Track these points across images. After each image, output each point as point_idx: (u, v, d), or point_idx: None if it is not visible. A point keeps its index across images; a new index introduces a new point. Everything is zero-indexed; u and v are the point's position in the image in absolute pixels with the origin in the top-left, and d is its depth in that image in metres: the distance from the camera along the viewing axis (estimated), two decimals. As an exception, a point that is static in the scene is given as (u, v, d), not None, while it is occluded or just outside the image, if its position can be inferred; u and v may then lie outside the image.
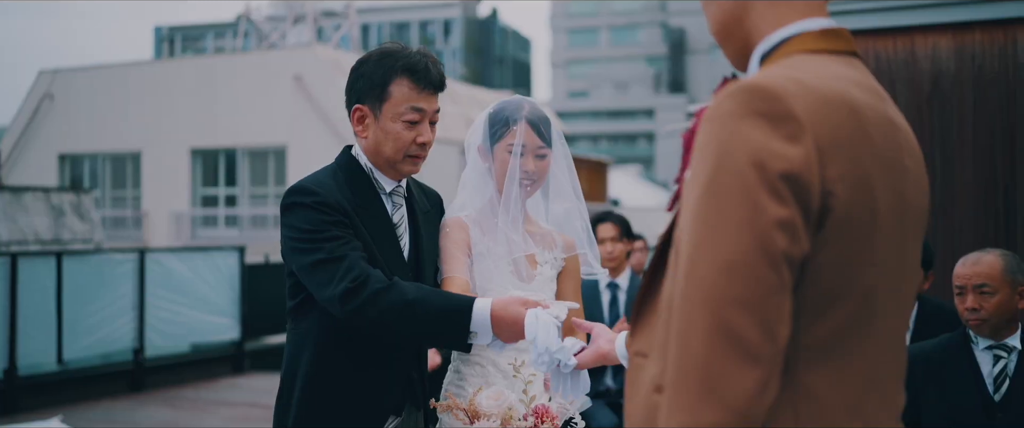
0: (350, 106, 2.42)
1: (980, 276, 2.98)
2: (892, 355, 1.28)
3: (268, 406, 8.43)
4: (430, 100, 2.38)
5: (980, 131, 4.82)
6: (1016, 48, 4.77)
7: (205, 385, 9.72)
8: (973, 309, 2.99)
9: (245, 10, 37.02)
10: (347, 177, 2.39)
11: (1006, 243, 4.53)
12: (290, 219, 2.30)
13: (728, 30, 1.38)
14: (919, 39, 4.95)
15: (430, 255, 2.48)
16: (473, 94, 30.60)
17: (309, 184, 2.32)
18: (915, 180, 1.31)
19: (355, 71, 2.41)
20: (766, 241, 1.11)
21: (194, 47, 56.33)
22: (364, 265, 2.21)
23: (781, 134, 1.13)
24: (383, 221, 2.39)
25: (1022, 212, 4.73)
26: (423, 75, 2.35)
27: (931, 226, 4.79)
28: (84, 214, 13.79)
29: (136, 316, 9.33)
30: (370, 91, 2.36)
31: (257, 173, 25.47)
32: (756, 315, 1.10)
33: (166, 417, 8.14)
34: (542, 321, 2.09)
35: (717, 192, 1.13)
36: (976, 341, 3.06)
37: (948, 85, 4.89)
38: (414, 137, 2.36)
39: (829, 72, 1.24)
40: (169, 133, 25.13)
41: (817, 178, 1.14)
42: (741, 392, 1.10)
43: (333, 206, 2.27)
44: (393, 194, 2.44)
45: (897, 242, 1.25)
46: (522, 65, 69.76)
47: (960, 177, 4.85)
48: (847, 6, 5.08)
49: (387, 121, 2.35)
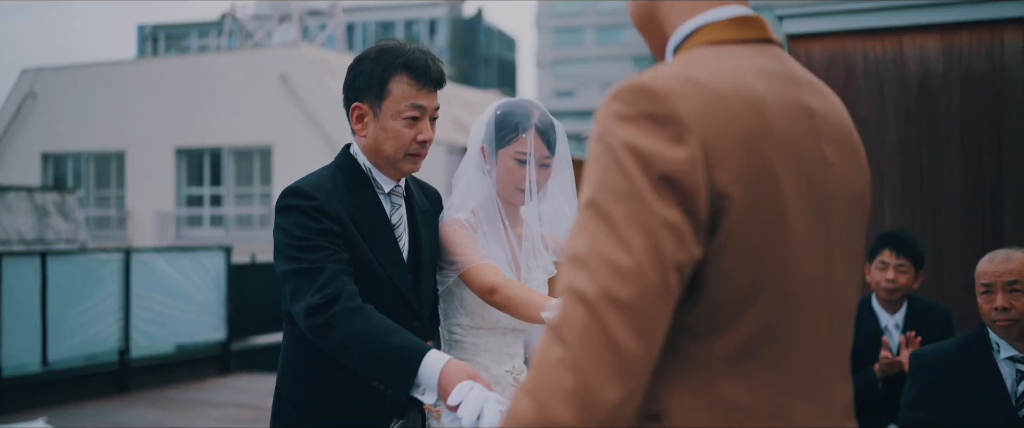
0: (348, 104, 2.38)
1: (1012, 273, 2.83)
2: (821, 353, 1.22)
3: (255, 407, 8.41)
4: (430, 97, 2.35)
5: (968, 131, 4.85)
6: (1003, 48, 4.80)
7: (191, 386, 9.67)
8: (1003, 309, 2.83)
9: (230, 9, 36.87)
10: (345, 178, 2.35)
11: (994, 243, 4.55)
12: (282, 221, 2.28)
13: (644, 24, 1.35)
14: (908, 40, 4.97)
15: (429, 255, 2.45)
16: (459, 94, 30.58)
17: (305, 186, 2.29)
18: (839, 167, 1.24)
19: (353, 69, 2.37)
20: (654, 244, 1.06)
21: (178, 46, 56.05)
22: (339, 283, 2.16)
23: (664, 136, 1.09)
24: (381, 222, 2.35)
25: (1010, 211, 4.75)
26: (423, 72, 2.32)
27: (920, 226, 4.81)
28: (68, 214, 13.70)
29: (121, 316, 9.27)
30: (369, 89, 2.33)
31: (243, 173, 25.36)
32: (638, 322, 1.05)
33: (152, 418, 8.09)
34: (476, 399, 1.96)
35: (606, 193, 1.09)
36: (998, 349, 2.90)
37: (936, 85, 4.91)
38: (415, 135, 2.33)
39: (730, 64, 1.19)
40: (154, 132, 25.00)
41: (703, 180, 1.09)
42: (607, 402, 1.04)
43: (326, 212, 2.24)
44: (392, 194, 2.41)
45: (818, 236, 1.20)
46: (508, 65, 69.75)
47: (948, 177, 4.87)
48: (836, 6, 5.10)
49: (387, 119, 2.32)
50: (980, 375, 2.89)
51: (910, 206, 4.94)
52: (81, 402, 8.64)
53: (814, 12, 5.13)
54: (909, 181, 4.94)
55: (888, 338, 3.96)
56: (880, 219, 4.95)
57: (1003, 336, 2.89)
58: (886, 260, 3.94)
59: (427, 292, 2.42)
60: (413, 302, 2.35)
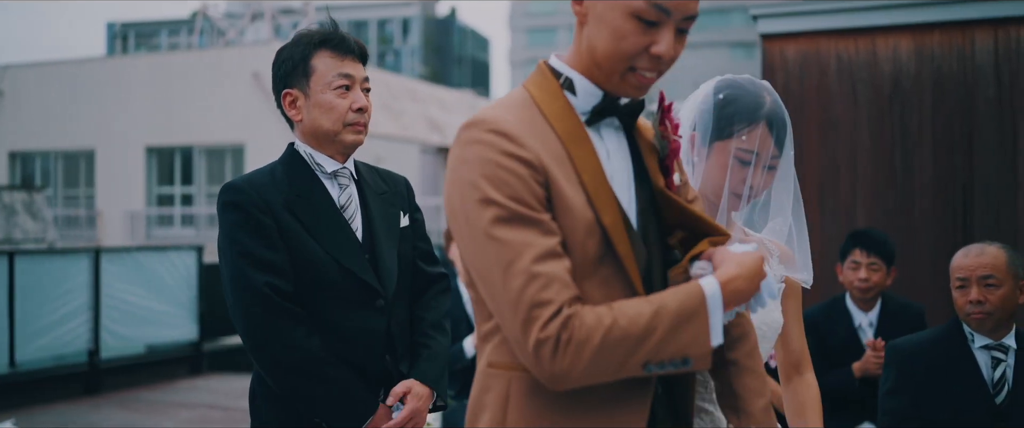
0: (278, 95, 2.43)
1: (986, 267, 2.91)
2: None
3: (227, 407, 8.34)
4: (355, 66, 2.41)
5: (939, 131, 4.89)
6: (974, 49, 4.85)
7: (162, 387, 9.57)
8: (977, 302, 2.90)
9: (202, 7, 36.59)
10: (286, 169, 2.39)
11: (965, 240, 4.59)
12: (220, 219, 2.33)
13: None
14: (880, 40, 5.01)
15: (386, 236, 2.44)
16: (433, 93, 30.53)
17: (239, 181, 2.35)
18: None
19: (275, 63, 2.44)
20: None
21: (148, 44, 55.54)
22: (258, 296, 2.22)
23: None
24: (326, 205, 2.37)
25: (980, 210, 4.80)
26: (340, 43, 2.39)
27: (892, 224, 4.85)
28: (36, 213, 13.52)
29: (91, 317, 9.15)
30: (293, 71, 2.39)
31: (214, 171, 25.18)
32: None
33: (122, 420, 8.00)
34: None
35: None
36: (972, 338, 2.98)
37: (908, 85, 4.96)
38: (349, 104, 2.38)
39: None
40: (123, 131, 24.76)
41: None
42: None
43: (257, 205, 2.28)
44: (338, 176, 2.43)
45: None
46: (481, 64, 69.72)
47: (920, 176, 4.92)
48: (810, 7, 5.13)
49: (317, 94, 2.37)
50: (957, 363, 2.95)
51: (882, 205, 4.98)
52: (50, 404, 8.52)
53: (788, 12, 5.16)
54: (882, 180, 4.98)
55: (861, 336, 3.98)
56: (853, 218, 4.99)
57: (977, 329, 2.96)
58: (858, 259, 3.96)
59: (388, 271, 2.41)
60: (373, 282, 2.35)
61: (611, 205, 1.48)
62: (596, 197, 1.47)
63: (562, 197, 1.45)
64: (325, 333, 2.28)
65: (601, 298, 1.46)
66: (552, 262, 1.39)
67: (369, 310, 2.33)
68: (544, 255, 1.39)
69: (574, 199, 1.46)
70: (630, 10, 1.46)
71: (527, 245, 1.39)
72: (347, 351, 2.31)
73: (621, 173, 1.55)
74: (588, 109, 1.55)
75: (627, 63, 1.49)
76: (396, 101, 25.93)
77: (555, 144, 1.49)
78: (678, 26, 1.49)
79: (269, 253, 2.26)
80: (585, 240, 1.46)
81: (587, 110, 1.55)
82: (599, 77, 1.53)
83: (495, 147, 1.43)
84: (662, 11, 1.46)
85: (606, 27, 1.48)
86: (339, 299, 2.30)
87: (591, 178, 1.48)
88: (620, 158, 1.56)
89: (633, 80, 1.51)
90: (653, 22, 1.46)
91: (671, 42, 1.48)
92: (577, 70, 1.56)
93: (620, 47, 1.48)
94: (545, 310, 1.36)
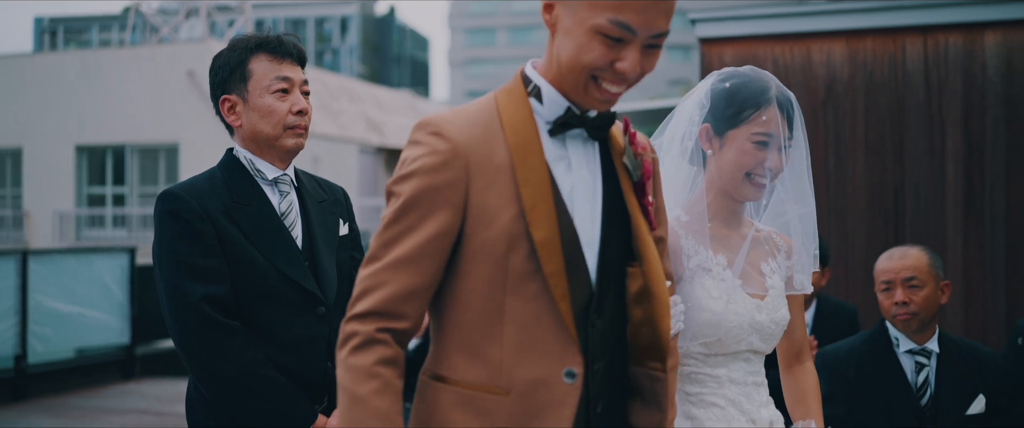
0: (216, 101, 2.39)
1: (909, 269, 3.00)
2: None
3: (160, 413, 8.19)
4: (294, 69, 2.37)
5: (872, 135, 5.01)
6: (905, 56, 4.97)
7: (93, 392, 9.35)
8: (902, 303, 2.99)
9: (135, 3, 35.84)
10: (225, 176, 2.35)
11: (896, 241, 4.71)
12: (157, 227, 2.28)
13: None
14: (815, 46, 5.11)
15: (326, 244, 2.41)
16: (371, 92, 30.34)
17: (177, 189, 2.30)
18: None
19: (211, 69, 2.40)
20: None
21: (78, 40, 54.21)
22: (194, 308, 2.19)
23: None
24: (267, 213, 2.34)
25: (911, 213, 4.93)
26: (277, 46, 2.36)
27: (826, 226, 4.95)
28: (-40, 214, 13.11)
29: (18, 321, 8.90)
30: (231, 76, 2.35)
31: (147, 171, 24.67)
32: None
33: (51, 426, 7.79)
34: None
35: None
36: (897, 343, 3.07)
37: (842, 90, 5.07)
38: (289, 107, 2.34)
39: None
40: (52, 129, 24.12)
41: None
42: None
43: (195, 213, 2.23)
44: (278, 182, 2.39)
45: None
46: (420, 64, 69.50)
47: (853, 179, 5.02)
48: (747, 12, 5.21)
49: (256, 99, 2.33)
50: (883, 369, 3.05)
51: (816, 207, 5.07)
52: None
53: (726, 17, 5.24)
54: (816, 182, 5.07)
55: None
56: (788, 220, 5.07)
57: (903, 330, 3.05)
58: (794, 260, 4.02)
59: (329, 279, 2.39)
60: (314, 290, 2.32)
61: (548, 220, 1.48)
62: (532, 211, 1.47)
63: (482, 207, 1.47)
64: (266, 342, 2.25)
65: (525, 314, 1.47)
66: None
67: (310, 318, 2.30)
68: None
69: (499, 211, 1.46)
70: (595, 28, 1.46)
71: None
72: (288, 359, 2.28)
73: (584, 186, 1.54)
74: (552, 119, 1.55)
75: (590, 75, 1.49)
76: (334, 101, 25.70)
77: (502, 154, 1.49)
78: (647, 43, 1.49)
79: (207, 260, 2.22)
80: (507, 254, 1.46)
81: (551, 120, 1.55)
82: (566, 87, 1.53)
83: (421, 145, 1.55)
84: (627, 29, 1.45)
85: (572, 40, 1.49)
86: (280, 307, 2.27)
87: (532, 192, 1.48)
88: (586, 171, 1.56)
89: (597, 94, 1.51)
90: (619, 39, 1.46)
91: (636, 60, 1.47)
92: (546, 79, 1.56)
93: (583, 61, 1.48)
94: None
